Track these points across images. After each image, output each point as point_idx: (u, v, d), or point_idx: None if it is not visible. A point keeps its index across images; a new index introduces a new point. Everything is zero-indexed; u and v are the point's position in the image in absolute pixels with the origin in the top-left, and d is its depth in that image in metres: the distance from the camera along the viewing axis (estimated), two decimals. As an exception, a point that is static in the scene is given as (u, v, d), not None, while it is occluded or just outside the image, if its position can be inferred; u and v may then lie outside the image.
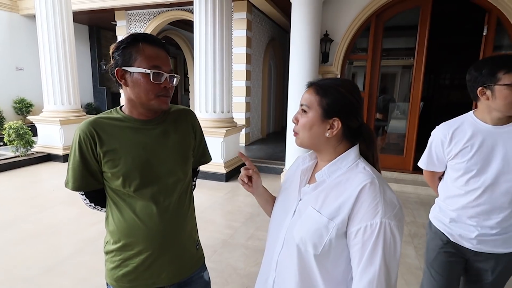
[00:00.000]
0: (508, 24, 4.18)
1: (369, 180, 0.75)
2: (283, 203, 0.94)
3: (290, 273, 0.84)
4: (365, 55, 4.96)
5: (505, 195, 1.26)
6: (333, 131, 0.81)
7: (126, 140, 1.00)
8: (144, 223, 1.01)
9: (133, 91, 0.97)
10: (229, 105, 5.07)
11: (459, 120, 1.38)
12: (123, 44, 0.96)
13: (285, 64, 9.58)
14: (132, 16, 7.66)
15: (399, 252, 0.73)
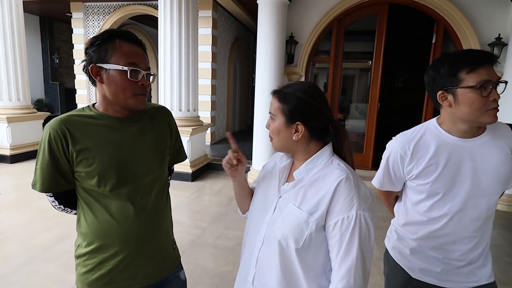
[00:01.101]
0: (454, 33, 4.61)
1: (344, 176, 0.81)
2: (261, 201, 0.97)
3: (271, 268, 0.87)
4: (327, 57, 5.17)
5: (473, 222, 1.06)
6: (299, 134, 0.86)
7: (101, 138, 0.97)
8: (120, 224, 0.99)
9: (109, 88, 0.95)
10: (195, 103, 5.01)
11: (419, 131, 1.12)
12: (98, 40, 0.93)
13: (250, 64, 9.64)
14: (90, 9, 7.25)
15: (373, 240, 0.80)
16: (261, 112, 4.69)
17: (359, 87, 8.89)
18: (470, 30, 4.37)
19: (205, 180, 4.91)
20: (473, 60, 0.95)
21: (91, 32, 7.41)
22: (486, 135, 1.04)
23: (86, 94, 7.81)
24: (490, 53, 0.99)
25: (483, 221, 1.07)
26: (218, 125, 7.55)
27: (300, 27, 4.94)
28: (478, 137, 1.04)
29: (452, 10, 4.38)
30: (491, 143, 1.04)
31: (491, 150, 1.03)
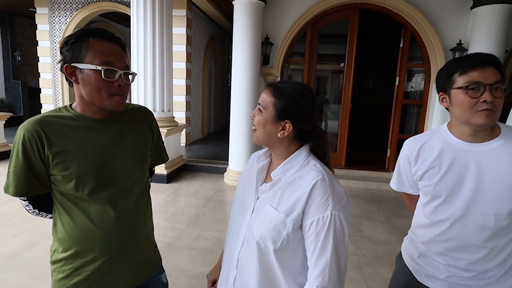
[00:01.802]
0: (419, 38, 4.89)
1: (320, 177, 0.82)
2: (241, 203, 0.98)
3: (251, 269, 0.87)
4: (302, 59, 5.28)
5: (480, 231, 1.01)
6: (285, 132, 0.86)
7: (78, 140, 0.93)
8: (100, 228, 0.95)
9: (84, 89, 0.91)
10: (170, 103, 4.92)
11: (429, 134, 1.14)
12: (72, 38, 0.89)
13: (224, 64, 9.62)
14: (56, 4, 6.91)
15: (348, 239, 0.82)
16: (238, 113, 4.71)
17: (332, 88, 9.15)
18: (434, 36, 4.66)
19: (180, 181, 4.84)
20: (467, 62, 0.97)
21: (57, 28, 7.07)
22: (499, 141, 1.00)
23: (52, 93, 7.43)
24: (488, 56, 0.96)
25: (493, 232, 1.00)
26: (193, 126, 7.46)
27: (276, 29, 5.01)
28: (488, 142, 1.01)
29: (418, 16, 4.64)
30: (503, 149, 0.99)
31: (501, 157, 0.98)
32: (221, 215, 3.65)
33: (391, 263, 2.74)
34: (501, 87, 0.94)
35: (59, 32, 7.08)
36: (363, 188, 4.89)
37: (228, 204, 4.08)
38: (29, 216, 3.29)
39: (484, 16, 4.27)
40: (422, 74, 5.20)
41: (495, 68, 0.95)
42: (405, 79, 5.15)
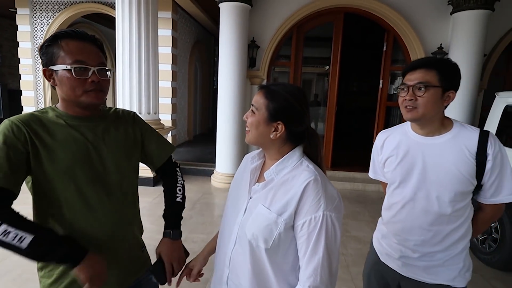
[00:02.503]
0: (402, 42, 5.03)
1: (312, 177, 0.83)
2: (234, 202, 0.98)
3: (243, 268, 0.88)
4: (288, 62, 5.34)
5: (425, 214, 1.14)
6: (277, 134, 0.87)
7: (63, 136, 0.94)
8: (86, 226, 0.95)
9: (61, 89, 0.94)
10: (156, 106, 4.87)
11: (396, 128, 1.30)
12: (46, 43, 0.93)
13: (210, 67, 9.60)
14: (38, 4, 6.74)
15: (339, 240, 0.83)
16: (224, 115, 4.71)
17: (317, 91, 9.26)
18: (416, 40, 4.80)
19: (167, 184, 4.79)
20: (406, 67, 1.16)
21: (39, 29, 6.90)
22: (447, 136, 1.13)
23: (33, 96, 7.23)
24: (416, 62, 1.13)
25: (437, 216, 1.12)
26: (179, 128, 7.40)
27: (262, 32, 5.05)
28: (438, 136, 1.14)
29: (400, 21, 4.78)
30: (450, 143, 1.11)
31: (447, 150, 1.11)
32: (209, 217, 3.63)
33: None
34: (422, 87, 1.08)
35: (41, 33, 6.91)
36: (349, 189, 4.97)
37: (215, 206, 4.06)
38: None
39: (463, 21, 4.43)
40: (405, 77, 5.34)
41: (425, 70, 1.09)
42: (388, 82, 5.27)
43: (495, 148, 1.08)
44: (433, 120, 1.13)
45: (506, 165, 1.10)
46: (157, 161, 1.18)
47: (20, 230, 0.80)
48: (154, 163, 1.19)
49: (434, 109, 1.10)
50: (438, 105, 1.10)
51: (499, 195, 1.11)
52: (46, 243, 0.83)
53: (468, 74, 4.36)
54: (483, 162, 1.08)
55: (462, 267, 1.16)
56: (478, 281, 2.60)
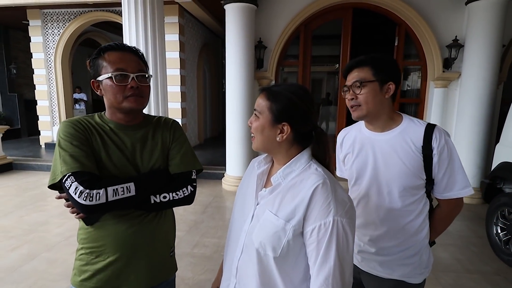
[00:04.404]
0: (414, 36, 4.86)
1: (321, 181, 0.78)
2: (241, 209, 0.95)
3: (250, 278, 0.84)
4: (296, 61, 5.26)
5: (377, 210, 1.16)
6: (283, 135, 0.84)
7: (107, 141, 1.03)
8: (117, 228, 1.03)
9: (106, 97, 1.03)
10: (165, 111, 4.88)
11: (354, 125, 1.32)
12: (93, 57, 1.03)
13: (218, 69, 9.61)
14: (49, 16, 6.91)
15: (352, 247, 0.77)
16: (233, 117, 4.67)
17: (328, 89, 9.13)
18: (429, 33, 4.63)
19: (179, 188, 4.79)
20: (343, 71, 1.20)
21: (50, 40, 7.06)
22: (395, 131, 1.14)
23: (48, 105, 7.40)
24: (351, 62, 1.16)
25: (388, 212, 1.14)
26: (190, 132, 7.42)
27: (268, 32, 4.99)
28: (388, 132, 1.16)
29: (412, 14, 4.62)
30: (398, 138, 1.13)
31: (395, 145, 1.13)
32: (220, 221, 3.60)
33: (395, 265, 2.69)
34: (358, 84, 1.11)
35: (53, 44, 7.07)
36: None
37: (226, 209, 4.02)
38: (28, 229, 3.30)
39: (479, 11, 4.24)
40: (418, 72, 5.17)
41: (359, 69, 1.13)
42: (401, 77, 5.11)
43: (441, 142, 1.08)
44: (380, 115, 1.15)
45: (454, 159, 1.10)
46: (172, 169, 1.11)
47: (121, 184, 0.96)
48: (171, 168, 1.12)
49: (376, 103, 1.12)
50: (379, 98, 1.12)
51: (452, 190, 1.12)
52: (142, 182, 1.00)
53: (486, 66, 4.18)
54: (429, 156, 1.09)
55: (418, 263, 1.16)
56: (501, 284, 2.48)
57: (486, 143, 4.35)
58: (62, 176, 0.92)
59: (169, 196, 1.05)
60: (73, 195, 0.89)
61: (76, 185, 0.90)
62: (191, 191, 1.10)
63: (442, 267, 2.69)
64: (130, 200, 0.96)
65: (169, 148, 1.14)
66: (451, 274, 2.58)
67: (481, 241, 3.17)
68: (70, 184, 0.90)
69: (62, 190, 0.97)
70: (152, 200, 1.02)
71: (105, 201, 0.92)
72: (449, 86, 4.75)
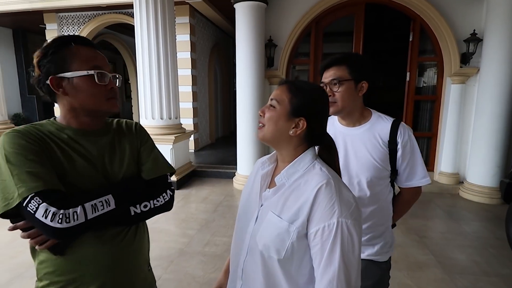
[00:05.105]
0: (430, 31, 4.71)
1: (325, 181, 0.77)
2: (245, 210, 0.94)
3: (256, 280, 0.83)
4: (307, 59, 5.20)
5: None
6: (297, 131, 0.82)
7: (70, 153, 0.87)
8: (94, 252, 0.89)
9: (76, 98, 0.87)
10: (177, 110, 4.93)
11: None
12: (52, 48, 0.85)
13: (229, 69, 9.62)
14: (64, 19, 7.08)
15: (358, 250, 0.74)
16: (244, 117, 4.66)
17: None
18: (446, 27, 4.48)
19: (190, 187, 4.82)
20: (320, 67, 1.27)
21: (66, 42, 7.23)
22: (365, 126, 1.25)
23: (64, 106, 7.58)
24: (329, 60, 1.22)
25: (358, 199, 1.18)
26: (201, 132, 7.47)
27: (279, 29, 4.95)
28: (359, 127, 1.26)
29: (427, 8, 4.48)
30: (367, 133, 1.23)
31: (365, 139, 1.23)
32: (231, 220, 3.60)
33: (408, 267, 2.62)
34: (336, 82, 1.19)
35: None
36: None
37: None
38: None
39: (499, 2, 4.05)
40: (434, 68, 5.01)
41: (336, 67, 1.20)
42: (416, 74, 4.97)
43: (404, 137, 1.20)
44: (353, 111, 1.24)
45: (415, 152, 1.23)
46: (147, 175, 1.01)
47: (98, 198, 0.82)
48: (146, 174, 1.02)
49: (351, 100, 1.21)
50: (354, 96, 1.21)
51: (412, 180, 1.26)
52: (120, 193, 0.88)
53: (507, 60, 3.99)
54: (394, 150, 1.21)
55: (384, 243, 1.28)
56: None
57: (506, 142, 4.19)
58: (21, 199, 0.74)
59: (150, 204, 0.93)
60: (42, 219, 0.73)
61: (46, 206, 0.74)
62: (170, 196, 1.00)
63: (459, 269, 2.60)
64: (110, 215, 0.84)
65: (139, 152, 1.03)
66: (469, 277, 2.49)
67: (500, 243, 3.05)
68: (35, 206, 0.74)
69: (15, 218, 0.80)
70: (132, 212, 0.89)
71: (84, 220, 0.78)
72: (467, 82, 4.59)
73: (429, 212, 3.94)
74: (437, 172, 4.92)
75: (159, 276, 2.47)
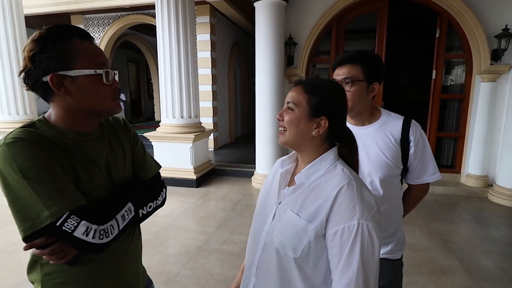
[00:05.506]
0: (458, 26, 4.50)
1: (346, 182, 0.75)
2: (263, 207, 0.93)
3: (270, 278, 0.83)
4: (328, 57, 5.11)
5: None
6: (320, 130, 0.80)
7: (80, 159, 0.81)
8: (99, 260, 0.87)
9: (81, 99, 0.78)
10: (197, 109, 4.99)
11: None
12: (50, 42, 0.74)
13: (249, 68, 9.63)
14: (90, 21, 7.33)
15: (378, 254, 0.73)
16: (263, 116, 4.65)
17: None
18: (475, 22, 4.27)
19: (209, 185, 4.87)
20: (334, 61, 1.23)
21: (92, 43, 7.48)
22: (376, 125, 1.23)
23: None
24: (343, 57, 1.19)
25: None
26: (221, 131, 7.52)
27: (299, 28, 4.89)
28: (368, 126, 1.24)
29: (455, 2, 4.28)
30: (378, 131, 1.22)
31: (375, 137, 1.21)
32: (249, 219, 3.60)
33: (431, 271, 2.52)
34: (348, 81, 1.16)
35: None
36: (399, 189, 4.61)
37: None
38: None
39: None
40: (463, 65, 4.79)
41: (350, 66, 1.16)
42: (442, 71, 4.78)
43: (417, 134, 1.20)
44: (363, 111, 1.22)
45: (427, 149, 1.22)
46: (146, 175, 1.00)
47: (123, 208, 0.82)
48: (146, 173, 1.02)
49: (361, 102, 1.19)
50: (364, 97, 1.19)
51: (423, 176, 1.25)
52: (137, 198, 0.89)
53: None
54: (407, 148, 1.20)
55: (397, 241, 1.27)
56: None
57: (540, 142, 3.96)
58: (54, 218, 0.68)
59: (153, 204, 0.94)
60: (83, 237, 0.70)
61: (87, 224, 0.71)
62: (165, 193, 1.01)
63: (486, 276, 2.48)
64: (131, 222, 0.84)
65: (133, 150, 0.98)
66: (497, 285, 2.37)
67: (533, 250, 2.89)
68: (74, 225, 0.69)
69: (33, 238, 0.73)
70: (141, 214, 0.89)
71: (118, 232, 0.78)
72: (498, 80, 4.36)
73: (455, 216, 3.79)
74: (464, 175, 4.72)
75: (178, 272, 2.51)
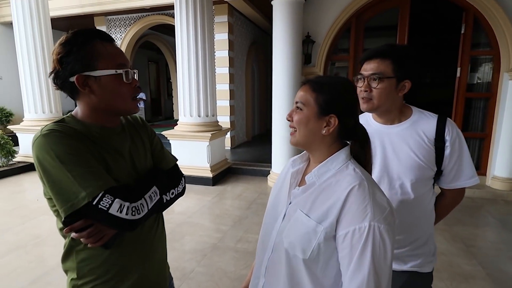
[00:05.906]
0: (485, 22, 4.31)
1: (357, 182, 0.74)
2: (273, 207, 0.93)
3: (279, 279, 0.82)
4: (347, 55, 5.02)
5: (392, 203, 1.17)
6: (330, 128, 0.79)
7: (109, 150, 0.88)
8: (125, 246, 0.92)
9: (103, 97, 0.84)
10: (214, 108, 5.02)
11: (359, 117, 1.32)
12: (75, 45, 0.81)
13: (267, 67, 9.61)
14: (112, 22, 7.53)
15: (390, 258, 0.70)
16: (279, 115, 4.63)
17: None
18: (504, 18, 4.06)
19: (225, 184, 4.90)
20: (362, 56, 1.13)
21: (114, 44, 7.69)
22: (406, 123, 1.14)
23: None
24: (372, 50, 1.09)
25: (400, 204, 1.12)
26: (238, 129, 7.55)
27: (317, 26, 4.83)
28: (398, 124, 1.15)
29: (481, -3, 4.11)
30: (409, 130, 1.12)
31: (407, 137, 1.12)
32: (264, 218, 3.60)
33: (452, 277, 2.43)
34: (376, 78, 1.06)
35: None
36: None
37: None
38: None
39: None
40: (490, 63, 4.58)
41: (379, 60, 1.07)
42: (468, 69, 4.58)
43: (453, 134, 1.09)
44: (391, 109, 1.13)
45: (464, 150, 1.12)
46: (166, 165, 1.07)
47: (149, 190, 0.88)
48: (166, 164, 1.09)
49: (389, 100, 1.10)
50: (392, 95, 1.09)
51: (459, 180, 1.14)
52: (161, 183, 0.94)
53: None
54: (442, 148, 1.10)
55: (428, 253, 1.17)
56: None
57: None
58: (91, 198, 0.75)
59: (175, 191, 1.00)
60: (117, 214, 0.77)
61: (120, 201, 0.77)
62: (184, 182, 1.08)
63: (510, 283, 2.36)
64: (158, 205, 0.90)
65: (151, 144, 1.05)
66: (523, 293, 2.25)
67: None
68: (109, 203, 0.76)
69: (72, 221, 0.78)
70: (165, 200, 0.95)
71: (147, 211, 0.84)
72: (527, 77, 4.15)
73: (479, 220, 3.63)
74: (490, 177, 4.51)
75: (193, 269, 2.54)
